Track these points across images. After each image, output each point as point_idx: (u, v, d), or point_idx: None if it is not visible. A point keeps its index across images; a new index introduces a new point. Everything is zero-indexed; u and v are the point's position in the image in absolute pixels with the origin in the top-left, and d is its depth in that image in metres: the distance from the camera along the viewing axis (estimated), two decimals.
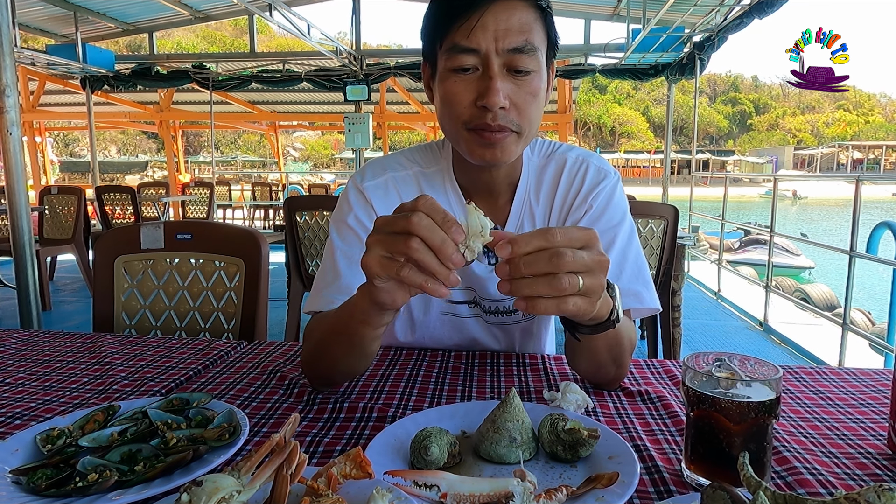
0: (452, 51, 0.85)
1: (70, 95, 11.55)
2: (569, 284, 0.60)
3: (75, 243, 5.01)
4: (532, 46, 0.85)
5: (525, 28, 0.84)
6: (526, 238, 0.60)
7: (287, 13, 6.78)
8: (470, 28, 0.83)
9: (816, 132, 65.60)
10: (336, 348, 0.81)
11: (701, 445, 0.63)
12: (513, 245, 0.60)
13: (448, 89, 0.88)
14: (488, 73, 0.84)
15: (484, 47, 0.83)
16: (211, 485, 0.51)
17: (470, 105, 0.87)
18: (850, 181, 3.73)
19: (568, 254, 0.60)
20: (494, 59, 0.84)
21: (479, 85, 0.85)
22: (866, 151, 53.02)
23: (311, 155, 50.11)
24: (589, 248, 0.62)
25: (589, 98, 62.67)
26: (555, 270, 0.60)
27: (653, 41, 6.63)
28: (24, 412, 0.83)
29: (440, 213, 0.61)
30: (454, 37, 0.85)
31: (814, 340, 4.19)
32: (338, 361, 0.83)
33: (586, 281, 0.61)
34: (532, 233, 0.61)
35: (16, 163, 2.53)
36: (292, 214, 3.14)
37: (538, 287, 0.60)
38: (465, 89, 0.86)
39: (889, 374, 0.98)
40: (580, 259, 0.60)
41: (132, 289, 1.46)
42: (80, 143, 40.07)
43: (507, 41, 0.83)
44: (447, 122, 0.92)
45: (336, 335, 0.79)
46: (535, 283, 0.60)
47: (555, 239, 0.60)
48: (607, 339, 0.79)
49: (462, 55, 0.85)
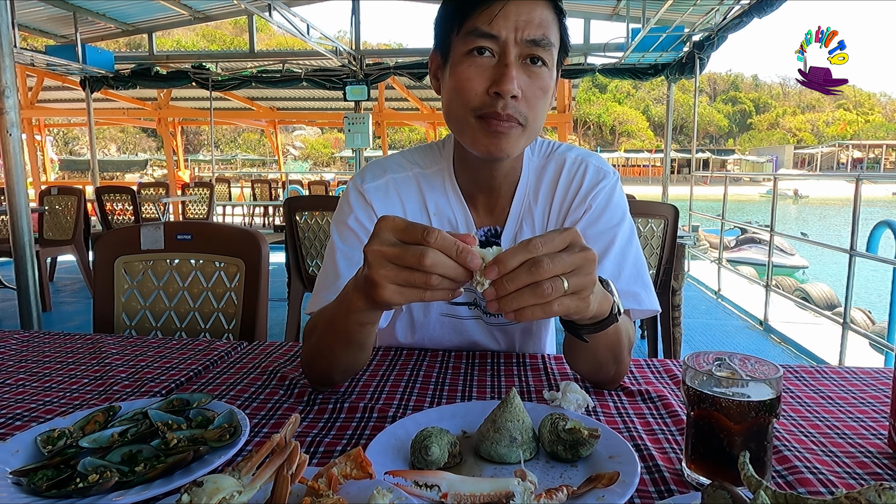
0: (472, 34, 0.87)
1: (69, 91, 11.54)
2: (552, 289, 0.60)
3: (75, 244, 5.01)
4: (549, 42, 0.87)
5: (544, 24, 0.86)
6: (509, 254, 0.61)
7: (286, 13, 6.78)
8: (493, 15, 0.85)
9: (816, 131, 65.60)
10: (334, 344, 0.82)
11: (701, 445, 0.63)
12: (498, 265, 0.61)
13: (461, 74, 0.88)
14: (505, 60, 0.86)
15: (504, 35, 0.85)
16: (211, 485, 0.51)
17: (482, 92, 0.87)
18: (850, 180, 3.73)
19: (545, 260, 0.60)
20: (512, 49, 0.86)
21: (494, 72, 0.87)
22: (866, 151, 53.01)
23: (311, 153, 50.12)
24: (571, 247, 0.63)
25: (589, 97, 62.68)
26: (536, 279, 0.60)
27: (652, 40, 6.62)
28: (25, 413, 0.83)
29: (453, 246, 0.61)
30: (475, 21, 0.86)
31: (814, 339, 4.19)
32: (337, 357, 0.83)
33: (572, 281, 0.62)
34: (513, 248, 0.61)
35: (16, 163, 2.53)
36: (292, 214, 3.13)
37: (523, 298, 0.61)
38: (479, 75, 0.87)
39: (889, 373, 0.98)
40: (560, 262, 0.61)
41: (132, 289, 1.46)
42: (79, 141, 40.07)
43: (527, 32, 0.85)
44: (456, 109, 0.91)
45: (333, 331, 0.80)
46: (520, 295, 0.61)
47: (536, 249, 0.61)
48: (608, 336, 0.80)
49: (481, 39, 0.86)
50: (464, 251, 0.61)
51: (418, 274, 0.61)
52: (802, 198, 37.24)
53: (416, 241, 0.61)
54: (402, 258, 0.61)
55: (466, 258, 0.61)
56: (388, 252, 0.62)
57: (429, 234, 0.61)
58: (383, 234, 0.63)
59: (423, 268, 0.60)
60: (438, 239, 0.60)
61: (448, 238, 0.61)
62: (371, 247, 0.63)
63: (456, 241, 0.61)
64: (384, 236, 0.63)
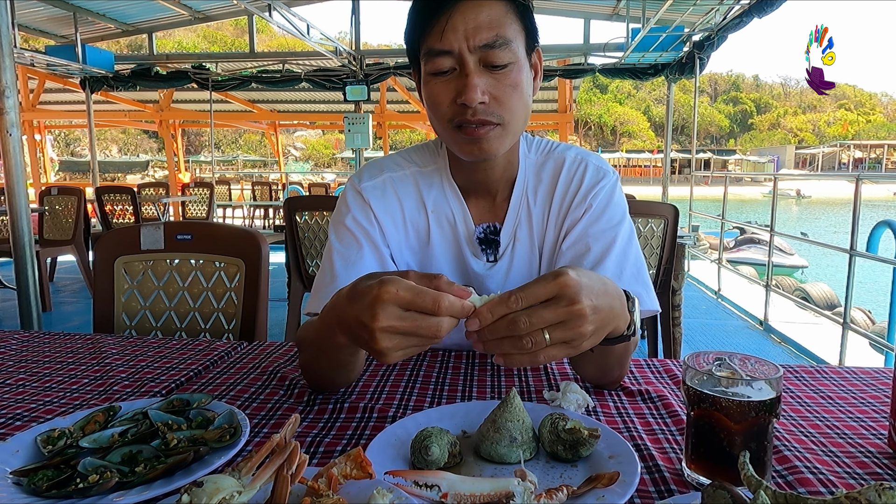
0: (429, 55, 0.88)
1: (70, 94, 11.55)
2: (532, 343, 0.61)
3: (75, 244, 5.00)
4: (504, 40, 0.86)
5: (494, 23, 0.85)
6: (487, 308, 0.62)
7: (286, 13, 6.78)
8: (441, 30, 0.85)
9: (818, 131, 65.55)
10: (322, 366, 0.84)
11: (701, 445, 0.63)
12: (479, 317, 0.62)
13: (430, 91, 0.90)
14: (464, 70, 0.86)
15: (456, 47, 0.85)
16: (212, 485, 0.51)
17: (451, 103, 0.89)
18: (851, 180, 3.73)
19: (522, 318, 0.61)
20: (468, 57, 0.86)
21: (457, 84, 0.87)
22: (867, 151, 52.98)
23: (311, 154, 50.10)
24: (557, 299, 0.61)
25: (590, 97, 62.66)
26: (515, 335, 0.61)
27: (652, 40, 6.62)
28: (25, 413, 0.83)
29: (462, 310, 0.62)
30: (428, 41, 0.87)
31: (814, 339, 4.19)
32: (326, 375, 0.87)
33: (556, 334, 0.62)
34: (493, 301, 0.62)
35: (16, 164, 2.53)
36: (292, 215, 3.14)
37: (505, 347, 0.62)
38: (445, 90, 0.89)
39: (889, 373, 0.98)
40: (539, 318, 0.61)
41: (132, 289, 1.46)
42: (80, 142, 40.06)
43: (477, 38, 0.85)
44: (435, 123, 0.94)
45: (319, 352, 0.81)
46: (502, 343, 0.62)
47: (514, 305, 0.61)
48: (617, 349, 0.80)
49: (438, 58, 0.87)
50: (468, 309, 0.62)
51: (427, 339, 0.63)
52: (805, 198, 37.22)
53: (426, 311, 0.61)
54: (416, 331, 0.62)
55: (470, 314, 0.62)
56: (399, 327, 0.61)
57: (440, 303, 0.61)
58: (389, 308, 0.60)
59: (437, 336, 0.62)
60: (449, 307, 0.61)
61: (456, 303, 0.62)
62: (378, 323, 0.60)
63: (463, 304, 0.62)
64: (390, 311, 0.60)
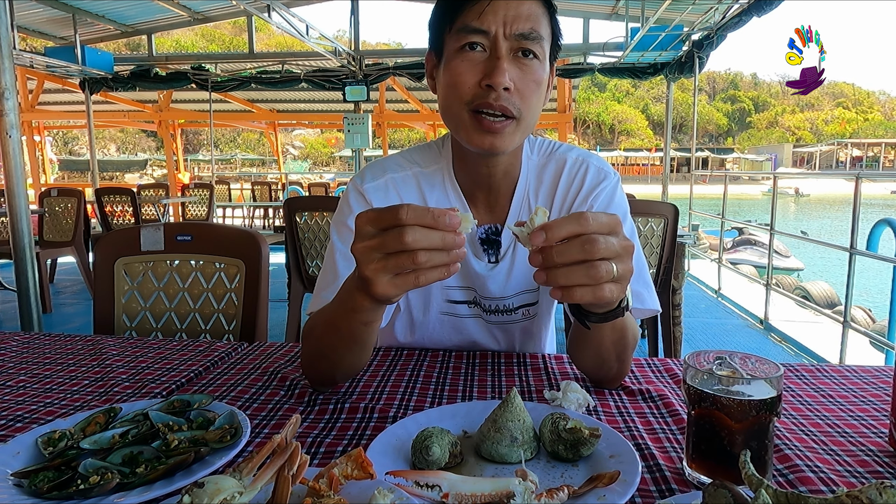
0: (462, 31, 0.88)
1: (69, 94, 11.54)
2: (605, 272, 0.59)
3: (75, 245, 5.00)
4: (538, 35, 0.88)
5: (533, 17, 0.88)
6: (559, 223, 0.60)
7: (285, 13, 6.78)
8: (481, 10, 0.87)
9: (815, 130, 65.59)
10: (337, 344, 0.81)
11: (702, 444, 0.63)
12: (546, 231, 0.59)
13: (454, 69, 0.90)
14: (496, 53, 0.87)
15: (493, 29, 0.87)
16: (212, 486, 0.51)
17: (474, 85, 0.88)
18: (850, 179, 3.73)
19: (600, 240, 0.59)
20: (502, 42, 0.87)
21: (485, 66, 0.88)
22: (865, 149, 52.95)
23: (310, 153, 50.11)
24: (615, 233, 0.62)
25: (588, 96, 62.68)
26: (588, 258, 0.59)
27: (651, 40, 6.62)
28: (26, 414, 0.83)
29: (427, 214, 0.60)
30: (465, 18, 0.88)
31: (814, 338, 4.19)
32: (339, 356, 0.83)
33: (619, 267, 0.61)
34: (564, 218, 0.60)
35: (15, 165, 2.53)
36: (292, 215, 3.14)
37: (575, 276, 0.60)
38: (471, 69, 0.89)
39: (890, 372, 0.98)
40: (611, 245, 0.60)
41: (132, 290, 1.46)
42: (79, 141, 40.03)
43: (515, 26, 0.87)
44: (450, 105, 0.92)
45: (335, 331, 0.80)
46: (572, 272, 0.60)
47: (588, 224, 0.59)
48: (614, 330, 0.80)
49: (471, 34, 0.88)
50: (439, 214, 0.59)
51: (404, 256, 0.60)
52: (803, 196, 37.23)
53: (392, 225, 0.60)
54: (383, 245, 0.61)
55: (445, 220, 0.59)
56: (370, 244, 0.61)
57: (399, 211, 0.59)
58: (363, 229, 0.62)
59: (405, 247, 0.59)
60: (410, 213, 0.59)
61: (420, 208, 0.59)
62: (355, 245, 0.63)
63: (430, 209, 0.60)
64: (364, 231, 0.62)
